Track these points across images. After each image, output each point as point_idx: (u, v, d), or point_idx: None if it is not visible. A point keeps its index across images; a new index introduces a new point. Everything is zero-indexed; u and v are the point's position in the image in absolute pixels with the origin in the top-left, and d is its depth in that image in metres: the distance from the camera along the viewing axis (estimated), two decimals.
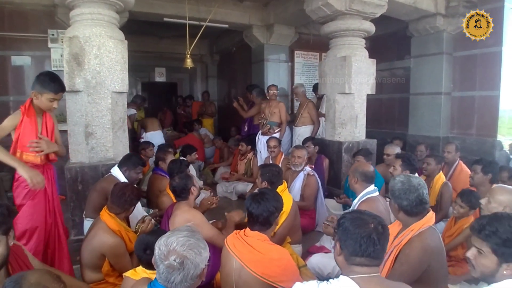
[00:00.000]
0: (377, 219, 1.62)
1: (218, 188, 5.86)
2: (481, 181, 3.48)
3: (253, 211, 2.24)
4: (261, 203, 2.24)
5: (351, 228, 1.57)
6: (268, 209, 2.22)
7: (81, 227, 3.36)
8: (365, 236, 1.53)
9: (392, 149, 4.67)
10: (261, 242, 2.18)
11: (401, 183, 2.21)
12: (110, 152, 3.59)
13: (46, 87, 2.63)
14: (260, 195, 2.32)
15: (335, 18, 4.94)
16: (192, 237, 1.54)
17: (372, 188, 3.03)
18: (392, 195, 2.23)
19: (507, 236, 1.54)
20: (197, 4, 6.15)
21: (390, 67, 7.29)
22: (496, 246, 1.56)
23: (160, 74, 10.29)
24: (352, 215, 1.64)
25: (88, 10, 3.46)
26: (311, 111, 5.90)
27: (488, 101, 5.84)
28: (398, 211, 2.21)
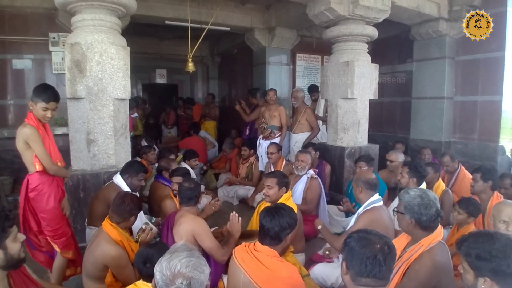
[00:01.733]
0: (383, 239, 1.60)
1: (219, 192, 5.86)
2: (482, 189, 3.48)
3: (265, 224, 2.21)
4: (275, 217, 2.21)
5: (357, 248, 1.56)
6: (280, 224, 2.19)
7: (83, 234, 3.34)
8: (370, 256, 1.51)
9: (395, 155, 4.65)
10: (271, 258, 2.16)
11: (420, 197, 2.15)
12: (112, 159, 3.57)
13: (39, 96, 2.73)
14: (275, 209, 2.30)
15: (338, 23, 4.93)
16: (193, 256, 1.53)
17: (376, 198, 3.01)
18: (410, 210, 2.15)
19: (478, 252, 1.60)
20: (198, 6, 6.13)
21: (392, 70, 7.28)
22: (471, 261, 1.63)
23: (161, 75, 10.27)
24: (358, 235, 1.63)
25: (90, 16, 3.43)
26: (310, 118, 5.78)
27: (491, 106, 5.81)
28: (414, 226, 2.15)
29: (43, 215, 2.77)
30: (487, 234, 1.70)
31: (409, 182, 3.50)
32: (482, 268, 1.59)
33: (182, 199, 2.93)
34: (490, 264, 1.57)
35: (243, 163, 5.98)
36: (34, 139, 2.64)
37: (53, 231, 2.82)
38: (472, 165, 5.49)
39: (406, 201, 2.19)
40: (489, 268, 1.57)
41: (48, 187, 2.78)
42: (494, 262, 1.56)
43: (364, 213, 2.98)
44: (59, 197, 2.88)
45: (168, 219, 3.01)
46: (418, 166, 3.57)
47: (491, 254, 1.57)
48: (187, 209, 2.91)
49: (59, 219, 2.85)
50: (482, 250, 1.60)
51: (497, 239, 1.63)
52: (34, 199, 2.75)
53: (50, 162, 2.72)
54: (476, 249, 1.62)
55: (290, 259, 3.22)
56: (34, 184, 2.73)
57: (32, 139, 2.64)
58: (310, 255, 3.66)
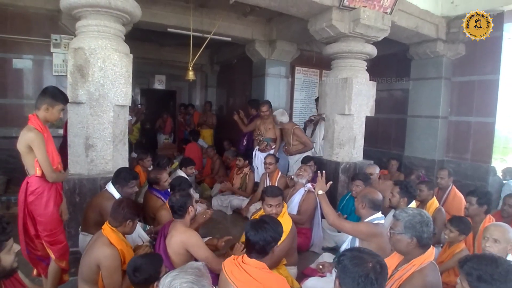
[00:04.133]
0: (376, 258, 1.63)
1: (213, 201, 5.87)
2: (476, 213, 3.51)
3: (250, 238, 2.24)
4: (259, 231, 2.23)
5: (349, 266, 1.59)
6: (265, 238, 2.21)
7: (76, 239, 3.33)
8: (363, 275, 1.55)
9: (373, 168, 4.89)
10: (259, 270, 2.18)
11: (420, 215, 2.19)
12: (110, 165, 3.57)
13: (57, 99, 2.81)
14: (260, 222, 2.31)
15: (338, 40, 5.00)
16: (197, 284, 1.49)
17: (380, 215, 3.05)
18: (411, 229, 2.16)
19: (480, 273, 1.65)
20: (201, 16, 6.19)
21: (389, 87, 7.38)
22: (472, 281, 1.67)
23: (160, 81, 10.30)
24: (352, 253, 1.66)
25: (94, 22, 3.46)
26: (300, 139, 5.83)
27: (484, 127, 5.91)
28: (415, 245, 2.16)
29: (41, 219, 2.77)
30: (491, 257, 1.74)
31: (400, 201, 3.55)
32: None
33: (172, 209, 2.96)
34: (490, 286, 1.61)
35: (238, 173, 6.00)
36: (38, 144, 2.65)
37: (49, 236, 2.82)
38: (464, 185, 5.58)
39: (406, 220, 2.20)
40: None
41: (48, 191, 2.78)
42: (494, 286, 1.61)
43: (369, 223, 3.02)
44: (58, 201, 2.89)
45: (163, 229, 3.02)
46: (409, 186, 3.61)
47: (493, 277, 1.62)
48: (178, 220, 2.93)
49: (55, 223, 2.85)
50: (485, 272, 1.64)
51: (500, 263, 1.67)
52: (32, 202, 2.74)
53: (50, 170, 2.72)
54: (478, 270, 1.66)
55: (282, 272, 3.24)
56: (34, 187, 2.73)
57: (36, 144, 2.64)
58: (303, 268, 3.66)
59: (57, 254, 2.87)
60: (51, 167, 2.73)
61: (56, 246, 2.87)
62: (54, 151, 2.87)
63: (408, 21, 5.39)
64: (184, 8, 5.96)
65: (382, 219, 3.05)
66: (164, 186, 4.17)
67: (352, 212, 4.29)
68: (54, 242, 2.86)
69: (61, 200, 2.98)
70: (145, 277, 2.18)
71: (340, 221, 3.09)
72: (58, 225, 2.89)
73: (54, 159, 2.83)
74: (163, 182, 4.17)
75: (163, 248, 2.83)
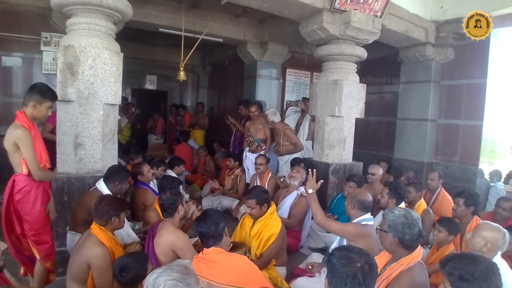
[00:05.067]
0: (365, 258, 1.63)
1: (203, 202, 5.84)
2: (463, 214, 3.56)
3: (202, 229, 2.37)
4: (206, 219, 2.38)
5: (338, 266, 1.60)
6: (214, 222, 2.37)
7: (64, 238, 3.30)
8: (350, 275, 1.55)
9: (376, 168, 4.79)
10: (219, 254, 2.28)
11: (404, 217, 2.20)
12: (99, 164, 3.54)
13: (45, 96, 2.77)
14: (203, 214, 2.49)
15: (329, 42, 5.05)
16: (182, 281, 1.47)
17: (369, 216, 3.07)
18: (394, 229, 2.19)
19: (461, 272, 1.67)
20: (193, 17, 6.19)
21: (379, 90, 7.46)
22: (453, 280, 1.69)
23: (151, 81, 10.25)
24: (340, 253, 1.66)
25: (85, 20, 3.43)
26: (290, 139, 5.82)
27: (472, 130, 6.00)
28: (397, 245, 2.19)
29: (28, 218, 2.74)
30: (471, 256, 1.75)
31: (389, 202, 3.59)
32: None
33: (162, 207, 2.96)
34: (471, 285, 1.63)
35: (229, 174, 5.99)
36: (25, 142, 2.62)
37: (35, 235, 2.78)
38: (452, 187, 5.65)
39: (390, 220, 2.24)
40: None
41: (35, 190, 2.75)
42: (476, 284, 1.62)
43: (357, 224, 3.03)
44: (45, 200, 2.86)
45: (152, 228, 3.01)
46: (398, 187, 3.66)
47: (474, 276, 1.64)
48: (168, 220, 2.93)
49: (42, 222, 2.82)
50: (465, 272, 1.66)
51: (480, 262, 1.70)
52: (19, 201, 2.71)
53: (37, 169, 2.69)
54: (459, 269, 1.68)
55: (272, 272, 3.25)
56: (21, 186, 2.70)
57: (23, 142, 2.61)
58: (292, 268, 3.67)
59: (42, 254, 2.83)
60: (38, 166, 2.70)
61: (42, 246, 2.83)
62: (42, 149, 2.84)
63: (398, 24, 5.45)
64: (176, 8, 5.95)
65: (371, 220, 3.07)
66: (148, 177, 4.19)
67: (343, 213, 4.30)
68: (40, 242, 2.83)
69: (48, 199, 2.95)
70: (133, 276, 2.17)
71: (327, 221, 3.10)
72: (44, 225, 2.86)
73: (42, 157, 2.80)
74: (147, 172, 4.19)
75: (151, 248, 2.82)
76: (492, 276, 1.65)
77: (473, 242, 2.51)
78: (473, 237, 2.53)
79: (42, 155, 2.80)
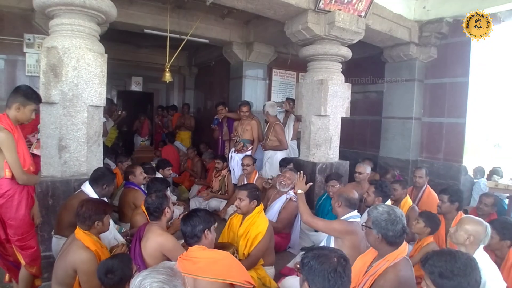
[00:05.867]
0: (337, 252, 1.68)
1: (191, 203, 5.82)
2: (448, 210, 3.62)
3: (183, 229, 2.39)
4: (187, 220, 2.40)
5: (316, 266, 1.61)
6: (193, 224, 2.37)
7: (49, 243, 3.25)
8: (331, 271, 1.58)
9: (363, 167, 4.83)
10: (202, 250, 2.31)
11: (387, 213, 2.25)
12: (84, 166, 3.49)
13: (29, 98, 2.74)
14: (188, 214, 2.49)
15: (314, 42, 5.08)
16: (168, 283, 1.47)
17: (355, 214, 3.11)
18: (377, 225, 2.24)
19: (441, 270, 1.70)
20: (178, 17, 6.17)
21: (364, 90, 7.53)
22: (434, 278, 1.72)
23: (136, 83, 10.17)
24: (314, 253, 1.68)
25: (68, 21, 3.39)
26: (277, 135, 5.82)
27: (456, 128, 6.10)
28: (381, 241, 2.24)
29: (11, 223, 2.69)
30: (449, 253, 1.79)
31: (375, 200, 3.65)
32: (444, 285, 1.69)
33: (148, 210, 2.94)
34: (452, 282, 1.67)
35: (216, 176, 5.97)
36: (8, 145, 2.57)
37: (20, 240, 2.74)
38: (437, 184, 5.73)
39: (374, 216, 2.29)
40: (451, 285, 1.67)
41: (19, 194, 2.70)
42: (456, 281, 1.66)
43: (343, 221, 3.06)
44: (29, 204, 2.81)
45: (139, 231, 2.98)
46: (384, 185, 3.72)
47: (453, 272, 1.67)
48: (154, 223, 2.91)
49: (27, 227, 2.78)
50: (445, 269, 1.69)
51: (459, 258, 1.73)
52: (2, 205, 2.65)
53: (21, 172, 2.65)
54: (439, 267, 1.71)
55: (260, 272, 3.26)
56: (4, 190, 2.64)
57: (6, 145, 2.57)
58: (280, 268, 3.68)
59: (27, 259, 2.79)
60: (21, 169, 2.65)
61: (27, 251, 2.79)
62: (25, 152, 2.80)
63: (382, 24, 5.52)
64: (161, 9, 5.93)
65: (358, 218, 3.11)
66: (140, 178, 4.20)
67: (330, 212, 4.33)
68: (25, 247, 2.79)
69: (33, 203, 2.91)
70: (120, 277, 2.15)
71: (313, 219, 3.13)
72: (29, 229, 2.82)
73: (25, 160, 2.75)
74: (139, 174, 4.20)
75: (138, 251, 2.80)
76: (471, 271, 1.69)
77: (456, 236, 2.57)
78: (456, 231, 2.59)
79: (25, 158, 2.76)
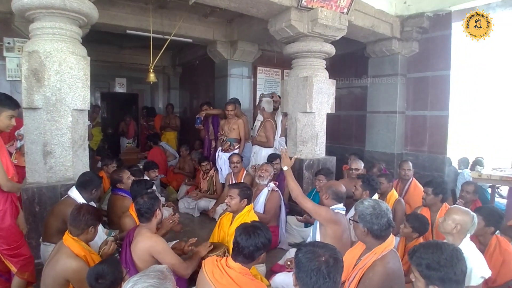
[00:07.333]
0: (329, 252, 1.66)
1: (180, 204, 5.81)
2: (433, 202, 3.68)
3: (240, 242, 2.23)
4: (251, 236, 2.23)
5: (303, 260, 1.63)
6: (256, 244, 2.22)
7: (37, 250, 3.20)
8: (315, 269, 1.58)
9: (358, 163, 4.85)
10: (243, 276, 2.19)
11: (372, 207, 2.30)
12: (70, 171, 3.46)
13: (4, 105, 2.67)
14: (252, 228, 2.31)
15: (298, 40, 5.11)
16: (159, 287, 1.47)
17: (341, 206, 3.17)
18: (363, 219, 2.29)
19: (428, 261, 1.75)
20: (161, 17, 6.12)
21: (349, 85, 7.60)
22: (422, 270, 1.77)
23: (120, 84, 10.06)
24: (306, 248, 1.70)
25: (49, 24, 3.35)
26: (265, 131, 5.82)
27: (439, 120, 6.20)
28: (367, 235, 2.29)
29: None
30: (435, 245, 1.84)
31: (363, 194, 3.70)
32: (431, 277, 1.74)
33: (139, 212, 2.90)
34: (439, 273, 1.71)
35: (204, 178, 5.95)
36: None
37: (10, 249, 2.70)
38: (422, 176, 5.83)
39: (360, 210, 2.35)
40: (438, 276, 1.72)
41: (3, 204, 2.66)
42: (442, 271, 1.71)
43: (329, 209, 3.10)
44: (14, 213, 2.77)
45: (128, 235, 2.97)
46: (371, 179, 3.78)
47: (440, 264, 1.72)
48: (144, 225, 2.89)
49: (16, 236, 2.75)
50: (432, 261, 1.74)
51: (445, 249, 1.78)
52: None
53: (5, 179, 2.61)
54: (426, 259, 1.76)
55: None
56: None
57: None
58: (271, 266, 3.70)
59: (18, 265, 2.75)
60: (6, 175, 2.61)
61: (18, 258, 2.76)
62: (8, 160, 2.75)
63: (364, 20, 5.57)
64: (143, 9, 5.88)
65: (343, 210, 3.18)
66: (127, 183, 4.11)
67: None
68: (16, 255, 2.75)
69: (17, 212, 2.86)
70: (111, 280, 2.14)
71: (304, 198, 3.13)
72: (19, 238, 2.80)
73: (8, 169, 2.71)
74: (126, 179, 4.12)
75: (129, 255, 2.79)
76: (457, 262, 1.74)
77: (444, 225, 2.64)
78: (444, 220, 2.67)
79: (8, 167, 2.71)
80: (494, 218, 3.03)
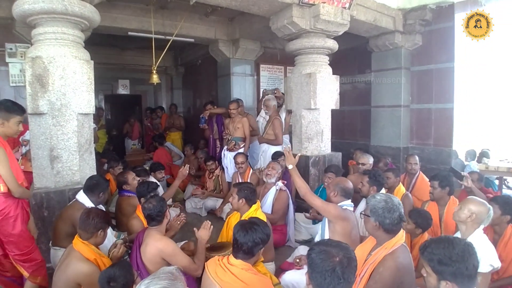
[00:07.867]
0: (343, 251, 1.65)
1: (187, 204, 5.82)
2: (440, 195, 3.67)
3: (238, 239, 2.27)
4: (248, 232, 2.28)
5: (317, 261, 1.62)
6: (253, 239, 2.26)
7: (47, 255, 3.22)
8: (329, 270, 1.57)
9: (366, 158, 4.80)
10: (245, 271, 2.22)
11: (385, 202, 2.29)
12: (77, 175, 3.47)
13: (12, 111, 2.72)
14: (249, 224, 2.35)
15: (300, 36, 5.08)
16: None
17: (349, 202, 3.17)
18: (375, 213, 2.29)
19: (440, 257, 1.74)
20: (162, 18, 6.12)
21: (352, 80, 7.56)
22: (433, 265, 1.76)
23: (123, 86, 10.08)
24: (319, 248, 1.68)
25: (51, 29, 3.35)
26: (274, 129, 5.76)
27: (444, 113, 6.17)
28: (378, 229, 2.29)
29: (11, 239, 2.67)
30: (447, 240, 1.82)
31: (370, 190, 3.69)
32: (443, 272, 1.72)
33: (149, 217, 2.89)
34: (450, 268, 1.70)
35: (210, 177, 5.95)
36: (1, 159, 2.55)
37: (22, 255, 2.72)
38: (428, 169, 5.81)
39: (372, 204, 2.34)
40: (450, 271, 1.71)
41: (14, 210, 2.68)
42: (454, 266, 1.70)
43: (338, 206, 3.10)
44: (25, 219, 2.79)
45: (137, 237, 2.97)
46: (377, 175, 3.77)
47: (451, 259, 1.71)
48: (153, 228, 2.89)
49: (28, 242, 2.77)
50: (443, 256, 1.73)
51: (456, 244, 1.77)
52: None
53: (16, 184, 2.63)
54: (437, 254, 1.75)
55: (260, 269, 3.26)
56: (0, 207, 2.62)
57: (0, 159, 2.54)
58: (279, 263, 3.71)
59: (30, 270, 2.77)
60: (16, 182, 2.63)
61: (30, 263, 2.78)
62: (17, 167, 2.78)
63: (367, 14, 5.53)
64: (144, 10, 5.87)
65: (351, 206, 3.18)
66: (133, 184, 4.12)
67: None
68: (28, 260, 2.78)
69: (28, 217, 2.89)
70: (123, 283, 2.15)
71: (312, 196, 3.15)
72: (30, 243, 2.82)
73: (18, 175, 2.73)
74: (131, 180, 4.14)
75: (139, 257, 2.79)
76: (469, 257, 1.72)
77: (459, 213, 2.66)
78: (460, 209, 2.68)
79: (18, 173, 2.73)
80: (510, 207, 3.03)
